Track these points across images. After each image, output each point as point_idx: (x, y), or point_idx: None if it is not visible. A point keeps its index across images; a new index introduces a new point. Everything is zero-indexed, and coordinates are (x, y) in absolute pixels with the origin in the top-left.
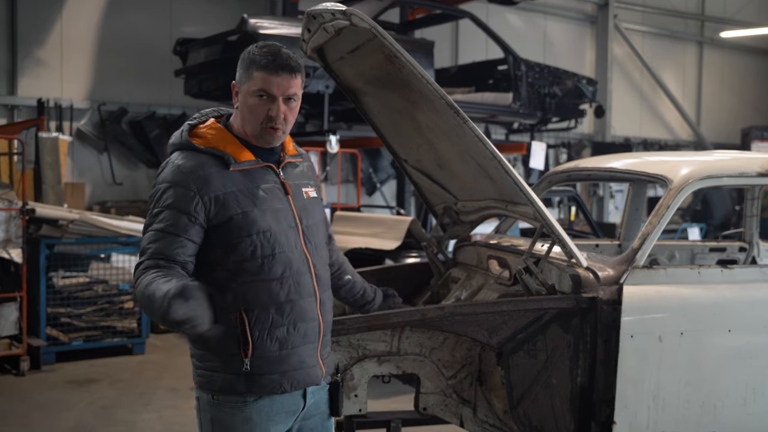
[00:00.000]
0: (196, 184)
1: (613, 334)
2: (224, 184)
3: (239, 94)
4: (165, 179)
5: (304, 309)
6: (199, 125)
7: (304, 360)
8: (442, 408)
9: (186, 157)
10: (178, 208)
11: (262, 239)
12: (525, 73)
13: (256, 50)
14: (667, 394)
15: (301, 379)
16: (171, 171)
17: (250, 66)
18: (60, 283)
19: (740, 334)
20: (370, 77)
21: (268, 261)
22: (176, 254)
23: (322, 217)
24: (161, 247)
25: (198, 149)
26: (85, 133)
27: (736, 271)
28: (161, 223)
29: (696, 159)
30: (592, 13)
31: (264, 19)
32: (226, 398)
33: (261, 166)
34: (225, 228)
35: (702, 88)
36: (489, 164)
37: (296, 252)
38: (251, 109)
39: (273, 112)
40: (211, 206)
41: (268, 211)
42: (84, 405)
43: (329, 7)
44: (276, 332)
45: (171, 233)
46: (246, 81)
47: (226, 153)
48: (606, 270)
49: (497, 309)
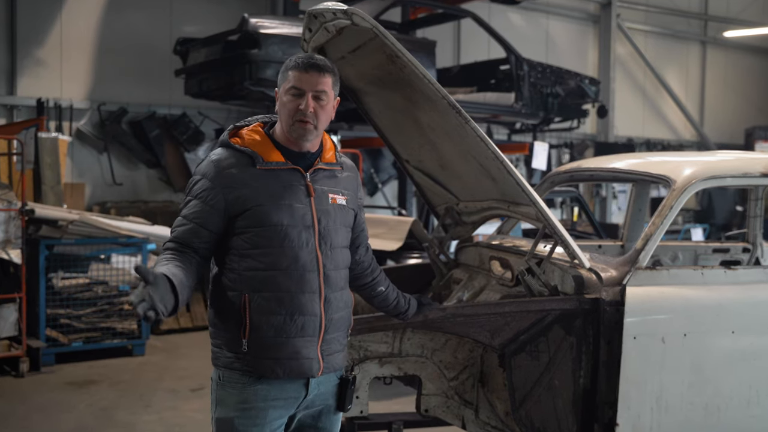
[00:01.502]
0: (223, 179)
1: (616, 336)
2: (246, 180)
3: (279, 98)
4: (200, 171)
5: (304, 303)
6: (244, 128)
7: (300, 351)
8: (443, 410)
9: (221, 154)
10: (203, 199)
11: (273, 232)
12: (527, 72)
13: (293, 57)
14: (670, 395)
15: (295, 369)
16: (206, 164)
17: (285, 69)
18: (60, 284)
19: (744, 336)
20: (371, 77)
21: (276, 253)
22: (192, 241)
23: (347, 223)
24: (182, 232)
25: (234, 147)
26: (85, 133)
27: (740, 272)
28: (187, 210)
29: (699, 159)
30: (594, 12)
31: (265, 19)
32: (229, 377)
33: (289, 168)
34: (241, 218)
35: (705, 88)
36: (491, 164)
37: (306, 249)
38: (285, 105)
39: (302, 106)
40: (232, 200)
41: (284, 207)
42: (84, 407)
43: (330, 7)
44: (273, 319)
45: (192, 221)
46: (282, 82)
47: (257, 153)
48: (609, 271)
49: (499, 310)
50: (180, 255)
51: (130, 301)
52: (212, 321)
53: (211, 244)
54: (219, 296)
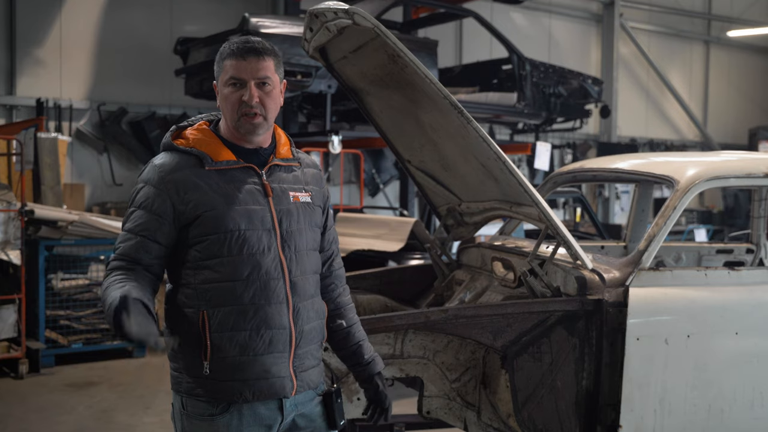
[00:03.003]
0: (169, 185)
1: (619, 337)
2: (197, 183)
3: (218, 90)
4: (142, 178)
5: (270, 315)
6: (188, 128)
7: (269, 369)
8: (445, 411)
9: (165, 158)
10: (148, 208)
11: (230, 238)
12: (530, 72)
13: (226, 44)
14: (673, 397)
15: (265, 390)
16: (148, 170)
17: (220, 58)
18: (59, 285)
19: (747, 337)
20: (372, 77)
21: (234, 261)
22: (140, 257)
23: (314, 223)
24: (128, 248)
25: (178, 149)
26: (85, 134)
27: (744, 273)
28: (131, 223)
29: (703, 160)
30: (597, 12)
31: (265, 18)
32: (194, 408)
33: (241, 167)
34: (193, 226)
35: (709, 87)
36: (493, 165)
37: (269, 255)
38: (226, 98)
39: (246, 97)
40: (181, 207)
41: (240, 211)
42: (83, 408)
43: (332, 6)
44: (237, 336)
45: (138, 234)
46: (219, 73)
47: (204, 153)
48: (612, 272)
49: (501, 311)
50: (130, 273)
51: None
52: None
53: (162, 258)
54: (174, 315)
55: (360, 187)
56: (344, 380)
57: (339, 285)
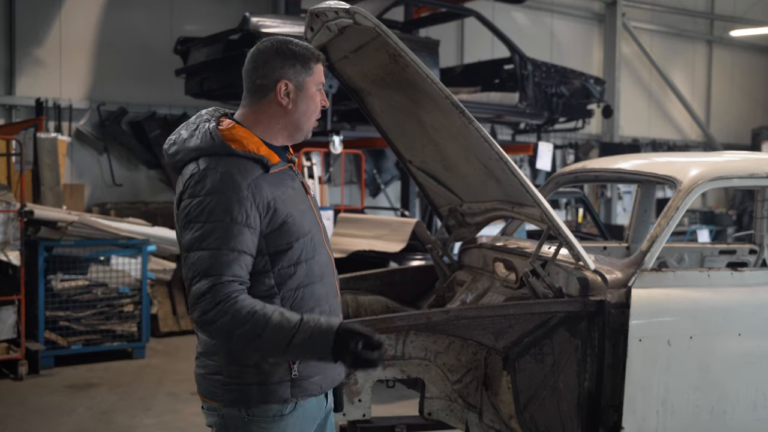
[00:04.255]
0: (251, 191)
1: (621, 338)
2: (271, 190)
3: (294, 91)
4: (213, 190)
5: (335, 308)
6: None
7: None
8: (447, 413)
9: (229, 163)
10: (237, 220)
11: (307, 242)
12: (532, 72)
13: (300, 44)
14: (675, 399)
15: (335, 378)
16: (219, 180)
17: (308, 60)
18: (59, 286)
19: (750, 338)
20: (374, 77)
21: (311, 264)
22: (244, 275)
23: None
24: (229, 267)
25: (237, 153)
26: (85, 134)
27: (747, 273)
28: (221, 240)
29: (705, 160)
30: (599, 11)
31: (266, 18)
32: (263, 411)
33: (287, 168)
34: (277, 234)
35: (711, 87)
36: (495, 165)
37: (324, 252)
38: (312, 99)
39: (324, 101)
40: (265, 214)
41: (303, 212)
42: (83, 410)
43: (332, 6)
44: None
45: (235, 250)
46: (308, 76)
47: (263, 156)
48: (614, 273)
49: (503, 312)
50: (250, 297)
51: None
52: (237, 358)
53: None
54: None
55: (361, 188)
56: (345, 382)
57: None
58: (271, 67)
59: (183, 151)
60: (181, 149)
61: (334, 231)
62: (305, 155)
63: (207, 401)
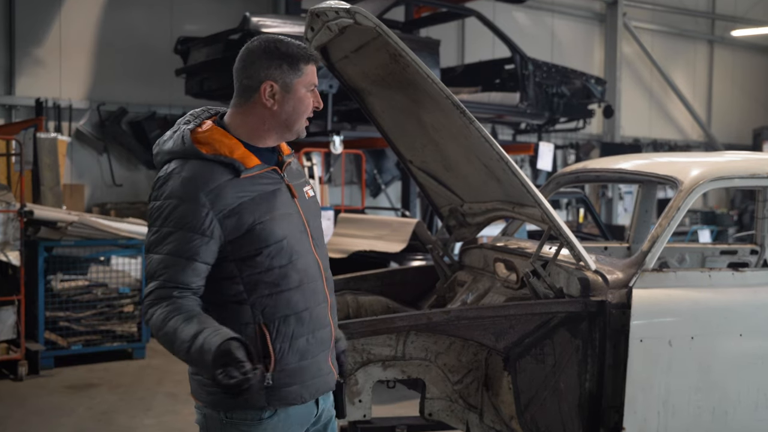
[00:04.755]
0: (209, 198)
1: (622, 339)
2: (237, 194)
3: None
4: (173, 194)
5: (320, 316)
6: (197, 129)
7: (321, 367)
8: (447, 413)
9: (192, 168)
10: (190, 227)
11: (280, 249)
12: (532, 72)
13: (291, 44)
14: (677, 399)
15: (320, 387)
16: (179, 185)
17: (297, 61)
18: (59, 286)
19: (752, 339)
20: (374, 76)
21: (286, 270)
22: (191, 282)
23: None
24: (174, 273)
25: (204, 157)
26: (84, 134)
27: (748, 274)
28: (172, 245)
29: (707, 160)
30: (600, 11)
31: (266, 18)
32: (240, 415)
33: (267, 170)
34: (242, 241)
35: (713, 87)
36: (496, 165)
37: (309, 257)
38: (302, 101)
39: (317, 102)
40: (226, 221)
41: (282, 217)
42: (83, 410)
43: (333, 6)
44: (297, 343)
45: (183, 257)
46: (296, 77)
47: (235, 160)
48: (615, 273)
49: (504, 313)
50: (182, 302)
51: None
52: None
53: (205, 279)
54: None
55: (361, 188)
56: (345, 381)
57: None
58: (257, 67)
59: (161, 154)
60: (160, 151)
61: (335, 231)
62: (305, 155)
63: (194, 399)
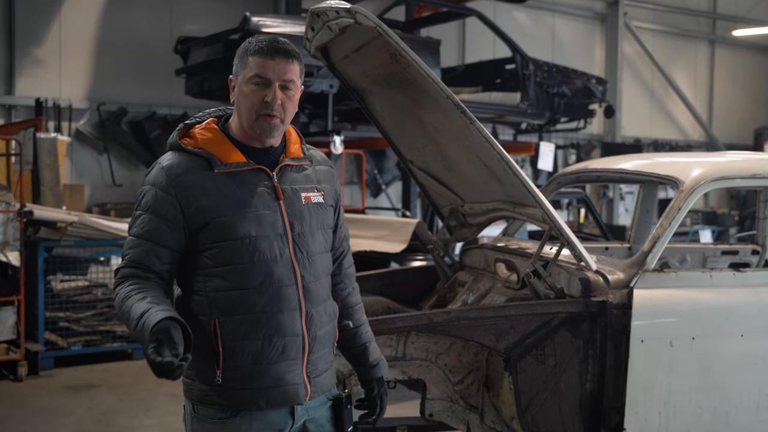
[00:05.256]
0: (177, 188)
1: (623, 339)
2: (206, 187)
3: (236, 87)
4: (149, 181)
5: (283, 323)
6: (196, 125)
7: (282, 377)
8: (448, 414)
9: (172, 159)
10: (157, 213)
11: (240, 246)
12: (533, 72)
13: (252, 39)
14: (678, 400)
15: (279, 397)
16: (155, 173)
17: (245, 54)
18: (58, 286)
19: (753, 339)
20: (375, 76)
21: (246, 269)
22: (152, 264)
23: (326, 225)
24: (138, 254)
25: (186, 150)
26: (84, 134)
27: (749, 274)
28: (139, 228)
29: (708, 160)
30: (601, 11)
31: (267, 17)
32: (204, 412)
33: (251, 169)
34: (203, 232)
35: (714, 87)
36: (496, 165)
37: (281, 261)
38: (246, 96)
39: (269, 98)
40: (190, 211)
41: (250, 216)
42: (83, 411)
43: (333, 5)
44: (249, 345)
45: (148, 240)
46: (241, 69)
47: (213, 154)
48: (616, 273)
49: (505, 313)
50: (145, 282)
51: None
52: None
53: (173, 264)
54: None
55: (362, 188)
56: (347, 381)
57: (348, 284)
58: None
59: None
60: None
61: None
62: None
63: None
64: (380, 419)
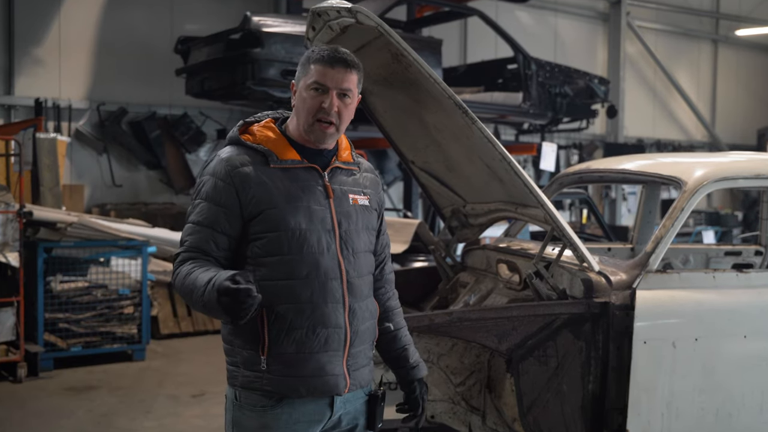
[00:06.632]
0: (235, 179)
1: (626, 340)
2: (262, 180)
3: (297, 92)
4: (208, 171)
5: (327, 314)
6: (254, 123)
7: (324, 367)
8: (450, 416)
9: (231, 152)
10: (216, 201)
11: (290, 237)
12: (535, 72)
13: (316, 48)
14: (680, 401)
15: (319, 387)
16: (215, 163)
17: (307, 62)
18: (58, 287)
19: (756, 340)
20: (376, 76)
21: (294, 260)
22: (210, 249)
23: (371, 226)
24: (197, 240)
25: (245, 145)
26: (84, 134)
27: (752, 275)
28: (198, 215)
29: (711, 160)
30: (604, 10)
31: (267, 17)
32: (247, 399)
33: (305, 167)
34: (255, 222)
35: (717, 87)
36: (498, 166)
37: (328, 255)
38: (305, 101)
39: (326, 104)
40: (246, 201)
41: (301, 209)
42: (83, 413)
43: (334, 5)
44: (294, 334)
45: (207, 226)
46: (303, 76)
47: (270, 150)
48: (618, 274)
49: (507, 314)
50: (206, 263)
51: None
52: (227, 338)
53: (229, 251)
54: None
55: None
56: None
57: (389, 289)
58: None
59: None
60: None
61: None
62: None
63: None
64: (422, 420)
